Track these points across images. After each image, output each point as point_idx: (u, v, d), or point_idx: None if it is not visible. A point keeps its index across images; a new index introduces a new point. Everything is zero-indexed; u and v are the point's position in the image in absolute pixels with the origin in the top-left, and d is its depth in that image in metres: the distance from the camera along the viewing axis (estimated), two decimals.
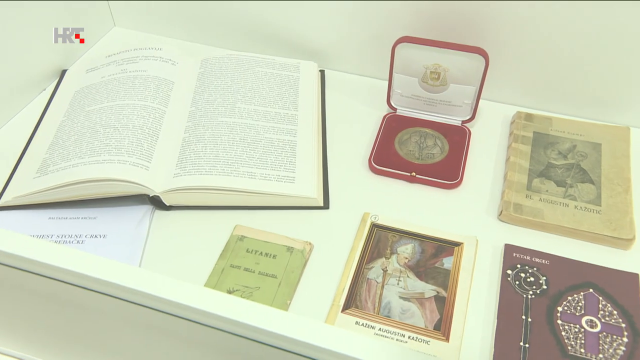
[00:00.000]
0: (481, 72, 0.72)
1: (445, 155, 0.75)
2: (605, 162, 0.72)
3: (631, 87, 0.76)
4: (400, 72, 0.76)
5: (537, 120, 0.79)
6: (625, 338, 0.56)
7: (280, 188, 0.68)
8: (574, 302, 0.59)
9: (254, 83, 0.80)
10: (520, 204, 0.68)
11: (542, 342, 0.56)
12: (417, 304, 0.60)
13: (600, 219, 0.66)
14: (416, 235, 0.67)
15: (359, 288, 0.61)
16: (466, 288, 0.61)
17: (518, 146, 0.75)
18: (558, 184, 0.70)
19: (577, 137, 0.76)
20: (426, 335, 0.57)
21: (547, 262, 0.63)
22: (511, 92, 0.82)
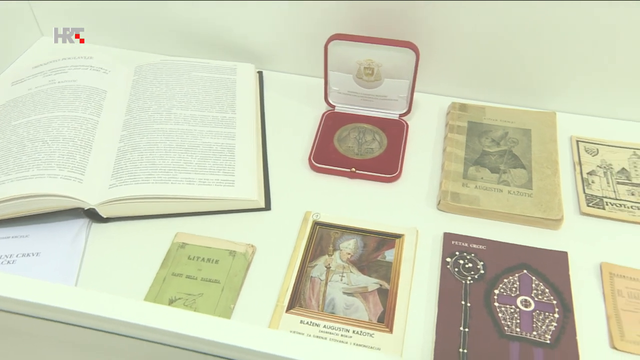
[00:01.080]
0: (413, 66, 0.73)
1: (384, 150, 0.76)
2: (535, 147, 0.75)
3: (556, 74, 0.79)
4: (335, 70, 0.77)
5: (471, 110, 0.81)
6: (557, 314, 0.58)
7: (220, 192, 0.68)
8: (510, 284, 0.61)
9: (190, 88, 0.79)
10: (457, 192, 0.70)
11: (480, 325, 0.58)
12: (361, 298, 0.61)
13: (532, 202, 0.68)
14: (358, 231, 0.67)
15: (302, 287, 0.62)
16: (408, 279, 0.63)
17: (454, 136, 0.77)
18: (492, 170, 0.73)
19: (509, 124, 0.79)
20: (370, 329, 0.58)
21: (484, 247, 0.65)
22: (446, 83, 0.84)
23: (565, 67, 0.78)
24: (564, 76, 0.79)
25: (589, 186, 0.71)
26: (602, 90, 0.79)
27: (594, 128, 0.79)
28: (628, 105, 0.79)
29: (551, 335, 0.57)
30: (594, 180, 0.72)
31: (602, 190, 0.71)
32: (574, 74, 0.78)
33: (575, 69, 0.78)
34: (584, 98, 0.80)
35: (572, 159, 0.75)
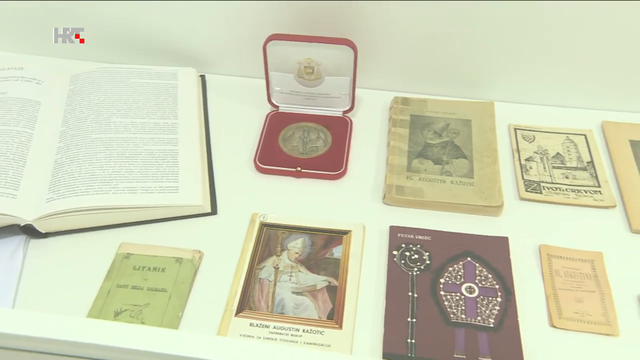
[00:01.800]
0: (352, 63, 0.74)
1: (329, 147, 0.76)
2: (475, 137, 0.77)
3: (493, 65, 0.81)
4: (276, 70, 0.77)
5: (413, 103, 0.82)
6: (499, 298, 0.60)
7: (164, 199, 0.67)
8: (455, 272, 0.63)
9: (129, 95, 0.78)
10: (401, 185, 0.71)
11: (427, 314, 0.59)
12: (310, 296, 0.61)
13: (474, 191, 0.70)
14: (305, 229, 0.68)
15: (251, 289, 0.62)
16: (356, 274, 0.63)
17: (397, 130, 0.78)
18: (435, 162, 0.74)
19: (450, 115, 0.80)
20: (320, 326, 0.59)
21: (429, 238, 0.66)
22: (388, 78, 0.85)
23: (501, 58, 0.80)
24: (501, 67, 0.81)
25: (527, 172, 0.73)
26: (537, 79, 0.82)
27: (531, 115, 0.81)
28: (561, 92, 0.82)
29: (494, 319, 0.59)
30: (532, 166, 0.74)
31: (539, 175, 0.73)
32: (510, 65, 0.81)
33: (511, 60, 0.80)
34: (520, 87, 0.83)
35: (511, 147, 0.77)
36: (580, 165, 0.74)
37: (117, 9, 0.82)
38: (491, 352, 0.56)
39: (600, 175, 0.72)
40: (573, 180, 0.72)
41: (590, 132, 0.78)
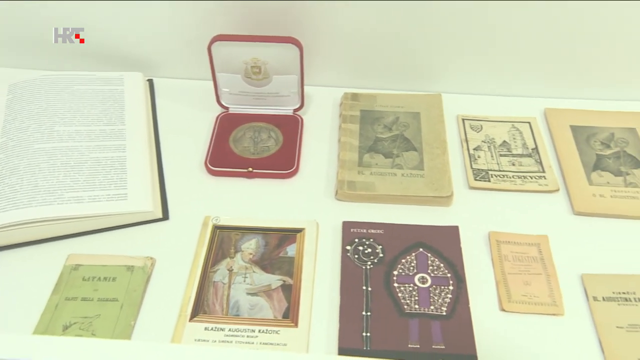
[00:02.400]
0: (299, 61, 0.74)
1: (280, 146, 0.76)
2: (424, 129, 0.78)
3: (440, 58, 0.82)
4: (223, 71, 0.76)
5: (363, 98, 0.83)
6: (451, 286, 0.61)
7: (113, 207, 0.65)
8: (407, 264, 0.64)
9: (73, 103, 0.76)
10: (353, 180, 0.72)
11: (381, 307, 0.60)
12: (265, 296, 0.61)
13: (424, 182, 0.71)
14: (259, 230, 0.67)
15: (205, 293, 0.61)
16: (310, 272, 0.64)
17: (347, 126, 0.79)
18: (386, 155, 0.75)
19: (399, 109, 0.81)
20: (276, 326, 0.59)
21: (381, 231, 0.67)
22: (337, 75, 0.86)
23: (448, 51, 0.81)
24: (448, 59, 0.83)
25: (475, 161, 0.75)
26: (483, 70, 0.83)
27: (478, 105, 0.83)
28: (506, 82, 0.84)
29: (447, 307, 0.60)
30: (480, 155, 0.76)
31: (487, 164, 0.75)
32: (457, 57, 0.82)
33: (458, 52, 0.81)
34: (467, 78, 0.84)
35: (459, 137, 0.79)
36: (525, 152, 0.76)
37: (55, 13, 0.80)
38: (444, 340, 0.57)
39: (544, 161, 0.74)
40: (519, 167, 0.74)
41: (534, 120, 0.80)
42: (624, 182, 0.71)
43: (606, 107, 0.81)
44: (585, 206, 0.69)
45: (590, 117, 0.79)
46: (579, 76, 0.82)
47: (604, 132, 0.77)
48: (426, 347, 0.57)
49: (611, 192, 0.70)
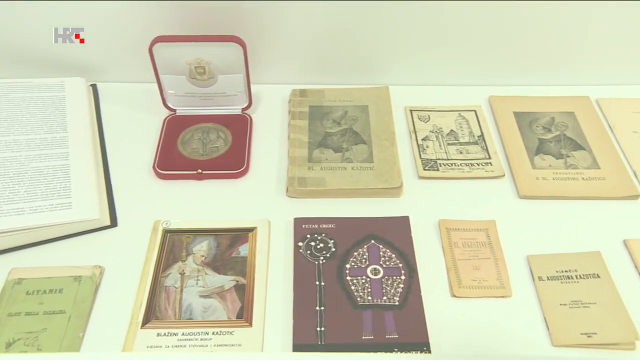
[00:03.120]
0: (243, 60, 0.73)
1: (230, 146, 0.76)
2: (373, 121, 0.79)
3: (386, 50, 0.83)
4: (167, 73, 0.75)
5: (311, 94, 0.83)
6: (403, 276, 0.62)
7: (56, 217, 0.63)
8: (360, 256, 0.64)
9: (10, 111, 0.73)
10: (303, 177, 0.72)
11: (335, 301, 0.60)
12: (218, 298, 0.61)
13: (374, 174, 0.72)
14: (210, 231, 0.67)
15: (157, 299, 0.60)
16: (264, 270, 0.63)
17: (296, 122, 0.79)
18: (335, 150, 0.75)
19: (348, 103, 0.82)
20: (230, 327, 0.58)
21: (333, 225, 0.67)
22: (285, 72, 0.86)
23: (394, 44, 0.82)
24: (394, 52, 0.83)
25: (424, 151, 0.76)
26: (429, 61, 0.84)
27: (425, 96, 0.84)
28: (452, 72, 0.86)
29: (399, 297, 0.60)
30: (428, 145, 0.77)
31: (436, 153, 0.76)
32: (403, 49, 0.83)
33: (404, 44, 0.82)
34: (413, 70, 0.85)
35: (408, 128, 0.80)
36: (472, 139, 0.78)
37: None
38: (397, 329, 0.58)
39: (490, 148, 0.76)
40: (466, 154, 0.76)
41: (480, 108, 0.82)
42: (565, 164, 0.73)
43: (547, 92, 0.84)
44: (529, 190, 0.70)
45: (532, 103, 0.82)
46: (521, 64, 0.84)
47: (545, 117, 0.80)
48: (380, 338, 0.57)
49: (553, 174, 0.72)
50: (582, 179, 0.71)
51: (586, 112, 0.80)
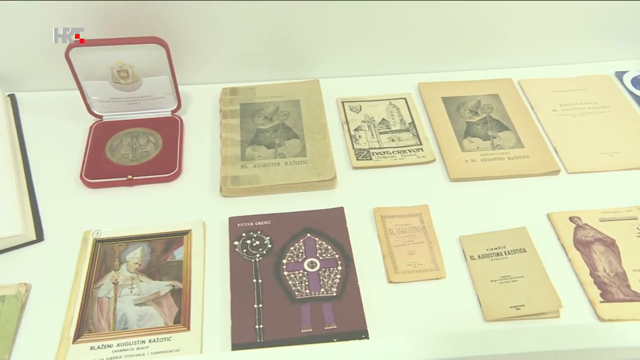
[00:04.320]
0: (166, 61, 0.72)
1: (160, 150, 0.74)
2: (305, 115, 0.79)
3: (315, 44, 0.83)
4: (88, 79, 0.72)
5: (242, 92, 0.82)
6: (340, 267, 0.63)
7: None
8: (296, 251, 0.64)
9: None
10: (237, 175, 0.71)
11: (273, 297, 0.60)
12: (154, 304, 0.60)
13: (307, 168, 0.72)
14: (144, 238, 0.65)
15: (89, 311, 0.58)
16: (200, 272, 0.63)
17: (228, 121, 0.78)
18: (268, 146, 0.75)
19: (279, 98, 0.81)
20: (167, 332, 0.57)
21: (268, 222, 0.67)
22: (215, 71, 0.84)
23: (322, 37, 0.82)
24: (323, 45, 0.84)
25: (356, 141, 0.77)
26: (358, 52, 0.85)
27: (356, 87, 0.85)
28: (381, 62, 0.86)
29: (337, 287, 0.61)
30: (361, 135, 0.78)
31: (368, 143, 0.77)
32: (332, 41, 0.83)
33: (333, 37, 0.82)
34: (343, 61, 0.86)
35: (340, 119, 0.81)
36: (403, 127, 0.79)
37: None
38: (336, 320, 0.58)
39: (420, 134, 0.78)
40: (398, 142, 0.77)
41: (409, 95, 0.83)
42: (492, 145, 0.76)
43: (473, 77, 0.86)
44: (459, 172, 0.72)
45: (459, 88, 0.84)
46: (447, 50, 0.86)
47: (472, 100, 0.82)
48: (319, 330, 0.57)
49: (481, 156, 0.74)
50: (508, 158, 0.74)
51: (509, 93, 0.83)
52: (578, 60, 0.88)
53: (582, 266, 0.62)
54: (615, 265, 0.62)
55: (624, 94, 0.83)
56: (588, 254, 0.63)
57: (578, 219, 0.66)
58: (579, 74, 0.86)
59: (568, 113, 0.80)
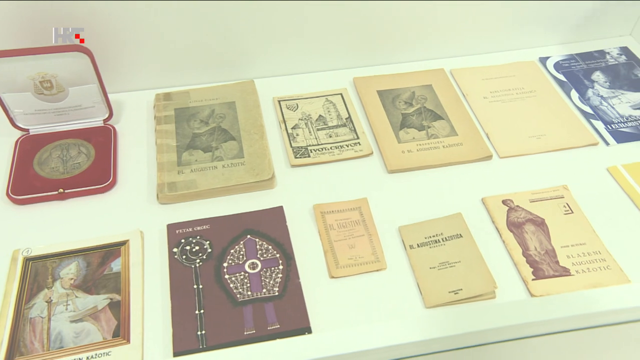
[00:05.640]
0: (92, 69, 0.70)
1: (93, 160, 0.72)
2: (241, 117, 0.78)
3: (248, 44, 0.83)
4: (8, 91, 0.69)
5: (176, 96, 0.81)
6: (281, 266, 0.63)
7: None
8: (237, 253, 0.64)
9: None
10: (173, 181, 0.70)
11: (214, 301, 0.59)
12: (92, 320, 0.58)
13: (245, 169, 0.72)
14: (78, 252, 0.63)
15: (20, 333, 0.56)
16: (139, 283, 0.61)
17: (162, 127, 0.76)
18: (205, 150, 0.74)
19: (214, 101, 0.81)
20: (106, 347, 0.56)
21: (208, 226, 0.66)
22: (148, 77, 0.83)
23: (256, 37, 0.82)
24: (257, 45, 0.83)
25: (294, 139, 0.77)
26: (292, 50, 0.85)
27: (292, 85, 0.85)
28: (316, 59, 0.87)
29: (278, 286, 0.61)
30: (298, 133, 0.78)
31: (306, 140, 0.77)
32: (265, 41, 0.83)
33: (266, 37, 0.82)
34: (278, 60, 0.86)
35: (277, 119, 0.80)
36: (340, 122, 0.79)
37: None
38: (278, 319, 0.58)
39: (357, 128, 0.78)
40: (336, 137, 0.77)
41: (345, 90, 0.84)
42: (427, 135, 0.77)
43: (406, 69, 0.88)
44: (396, 164, 0.73)
45: (393, 81, 0.85)
46: (381, 44, 0.87)
47: (406, 92, 0.83)
48: (262, 331, 0.57)
49: (417, 146, 0.76)
50: (443, 147, 0.75)
51: (442, 83, 0.85)
52: (505, 48, 0.91)
53: (515, 247, 0.64)
54: (545, 243, 0.64)
55: (548, 78, 0.86)
56: (520, 235, 0.65)
57: (510, 201, 0.69)
58: (506, 61, 0.89)
59: (498, 100, 0.82)
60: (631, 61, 0.89)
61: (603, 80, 0.85)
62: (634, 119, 0.79)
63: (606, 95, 0.83)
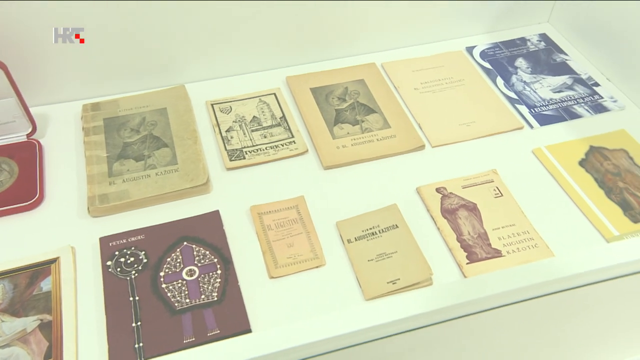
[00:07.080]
0: (8, 82, 0.67)
1: (17, 177, 0.69)
2: (173, 123, 0.77)
3: (178, 49, 0.81)
4: None
5: (104, 106, 0.79)
6: (219, 270, 0.62)
7: None
8: (173, 261, 0.63)
9: None
10: (105, 193, 0.68)
11: (151, 312, 0.58)
12: (20, 343, 0.55)
13: (179, 176, 0.70)
14: (3, 274, 0.60)
15: None
16: (72, 300, 0.59)
17: (91, 138, 0.74)
18: (137, 159, 0.72)
19: (145, 108, 0.79)
20: None
21: (142, 236, 0.65)
22: (74, 88, 0.80)
23: (185, 41, 0.80)
24: (187, 49, 0.82)
25: (229, 142, 0.76)
26: (223, 53, 0.84)
27: (225, 88, 0.84)
28: (247, 60, 0.86)
29: (217, 292, 0.60)
30: (233, 135, 0.77)
31: (241, 142, 0.76)
32: (195, 45, 0.81)
33: (195, 41, 0.81)
34: (209, 64, 0.85)
35: (211, 122, 0.79)
36: (274, 122, 0.79)
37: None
38: (218, 324, 0.57)
39: (292, 127, 0.78)
40: (270, 137, 0.77)
41: (279, 90, 0.84)
42: (361, 129, 0.78)
43: (338, 65, 0.88)
44: (331, 160, 0.74)
45: (326, 77, 0.85)
46: (311, 41, 0.88)
47: (339, 88, 0.84)
48: (201, 337, 0.56)
49: (352, 141, 0.76)
50: (377, 140, 0.76)
51: (374, 77, 0.86)
52: (433, 40, 0.93)
53: (450, 233, 0.65)
54: (477, 227, 0.66)
55: (475, 67, 0.89)
56: (454, 221, 0.66)
57: (444, 189, 0.70)
58: (435, 52, 0.91)
59: (428, 90, 0.84)
60: (550, 47, 0.92)
61: (525, 66, 0.88)
62: (554, 102, 0.82)
63: (529, 80, 0.86)
